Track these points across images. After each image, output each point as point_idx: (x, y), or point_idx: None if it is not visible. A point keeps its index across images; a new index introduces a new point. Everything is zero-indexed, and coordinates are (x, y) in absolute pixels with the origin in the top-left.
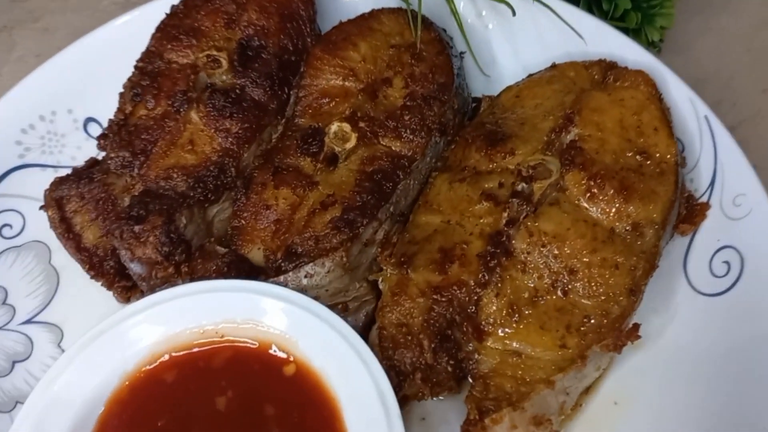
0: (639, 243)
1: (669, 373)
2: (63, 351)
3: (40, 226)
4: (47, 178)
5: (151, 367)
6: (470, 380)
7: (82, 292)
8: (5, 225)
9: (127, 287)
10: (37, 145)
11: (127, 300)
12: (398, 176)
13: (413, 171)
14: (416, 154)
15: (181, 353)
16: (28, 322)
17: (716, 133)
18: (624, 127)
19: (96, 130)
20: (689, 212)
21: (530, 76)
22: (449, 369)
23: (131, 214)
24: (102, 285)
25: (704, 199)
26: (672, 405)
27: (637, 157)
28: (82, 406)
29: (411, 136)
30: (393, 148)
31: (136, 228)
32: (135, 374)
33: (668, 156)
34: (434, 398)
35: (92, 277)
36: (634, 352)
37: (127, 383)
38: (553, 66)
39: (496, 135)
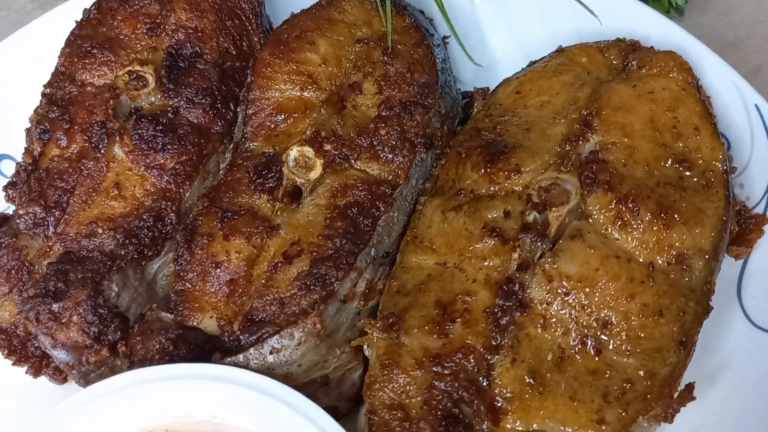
0: (686, 279)
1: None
2: None
3: None
4: None
5: None
6: None
7: (8, 377)
8: None
9: (58, 369)
10: None
11: (63, 381)
12: (378, 209)
13: (396, 199)
14: (399, 177)
15: None
16: None
17: None
18: (656, 129)
19: (11, 169)
20: (742, 229)
21: (532, 64)
22: None
23: (47, 289)
24: (27, 372)
25: (760, 209)
26: None
27: (676, 166)
28: None
29: (391, 155)
30: (369, 173)
31: (55, 306)
32: None
33: (714, 162)
34: None
35: (14, 364)
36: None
37: None
38: (560, 50)
39: (496, 146)
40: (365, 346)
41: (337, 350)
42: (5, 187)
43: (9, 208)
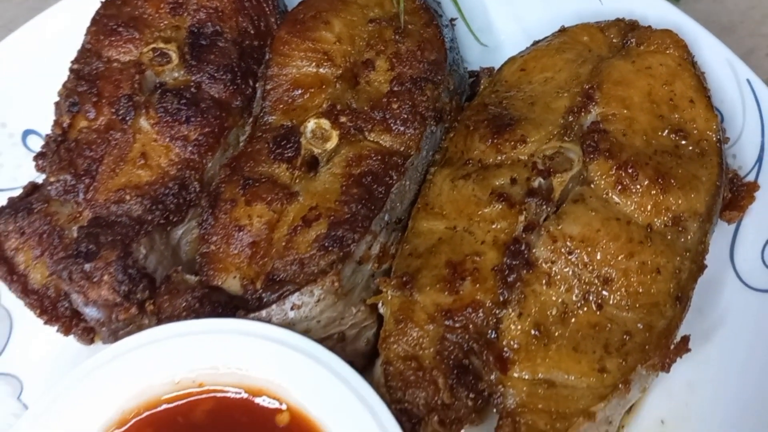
0: (682, 240)
1: (720, 385)
2: (24, 405)
3: None
4: None
5: (123, 429)
6: (496, 415)
7: (40, 335)
8: None
9: (89, 328)
10: None
11: (90, 341)
12: (391, 177)
13: (408, 169)
14: (410, 148)
15: (156, 409)
16: None
17: (761, 99)
18: (654, 102)
19: (37, 144)
20: (735, 195)
21: (536, 43)
22: (470, 404)
23: (79, 251)
24: (58, 331)
25: (751, 177)
26: (726, 421)
27: (672, 136)
28: None
29: (402, 128)
30: (382, 144)
31: (87, 266)
32: None
33: (708, 132)
34: None
35: (45, 323)
36: (678, 363)
37: None
38: (562, 30)
39: (502, 119)
40: (380, 305)
41: (353, 308)
42: (35, 158)
43: (39, 178)
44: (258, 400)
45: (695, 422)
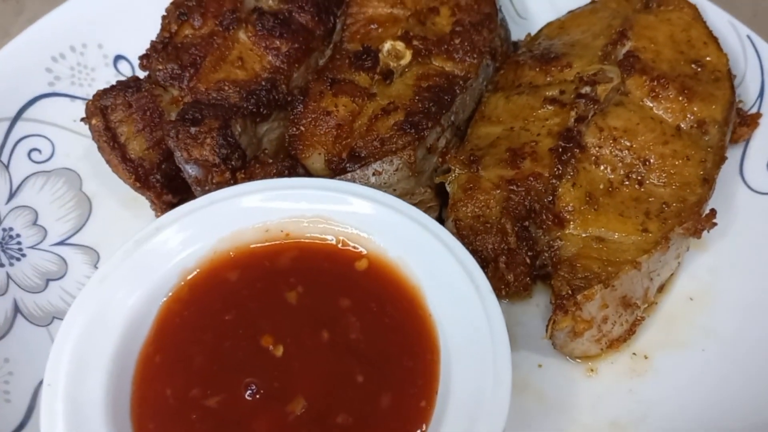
0: (707, 139)
1: (736, 270)
2: None
3: (70, 155)
4: (76, 109)
5: (213, 266)
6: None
7: (117, 218)
8: (33, 149)
9: (172, 203)
10: (67, 75)
11: None
12: (455, 91)
13: (468, 88)
14: (470, 73)
15: (245, 252)
16: (61, 243)
17: (760, 48)
18: (675, 42)
19: (126, 69)
20: (743, 119)
21: (570, 12)
22: (528, 261)
23: (186, 116)
24: (147, 198)
25: (754, 110)
26: (742, 297)
27: (692, 65)
28: (137, 304)
29: (464, 57)
30: (446, 69)
31: (193, 129)
32: (195, 273)
33: (720, 66)
34: (506, 301)
35: (138, 188)
36: (701, 252)
37: (186, 282)
38: (593, 1)
39: (549, 54)
40: (447, 183)
41: (421, 188)
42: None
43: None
44: (339, 249)
45: (718, 298)
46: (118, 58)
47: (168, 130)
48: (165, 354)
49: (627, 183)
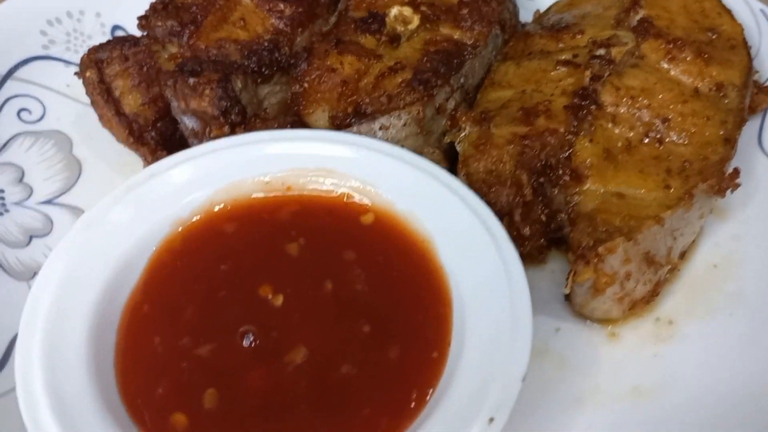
0: (726, 102)
1: (759, 237)
2: None
3: (62, 119)
4: (71, 75)
5: (209, 217)
6: (568, 227)
7: (107, 181)
8: (23, 109)
9: None
10: (62, 41)
11: None
12: (464, 56)
13: (478, 55)
14: (478, 42)
15: (243, 204)
16: (48, 203)
17: None
18: (689, 12)
19: None
20: (760, 89)
21: None
22: (543, 219)
23: (185, 68)
24: (140, 155)
25: None
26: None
27: (707, 33)
28: (125, 252)
29: (472, 26)
30: (455, 36)
31: (191, 80)
32: (189, 223)
33: (736, 34)
34: None
35: (131, 144)
36: (723, 221)
37: (179, 233)
38: None
39: (560, 24)
40: (457, 142)
41: (429, 148)
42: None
43: None
44: (344, 202)
45: (743, 265)
46: (116, 28)
47: (166, 79)
48: (154, 303)
49: (646, 141)
